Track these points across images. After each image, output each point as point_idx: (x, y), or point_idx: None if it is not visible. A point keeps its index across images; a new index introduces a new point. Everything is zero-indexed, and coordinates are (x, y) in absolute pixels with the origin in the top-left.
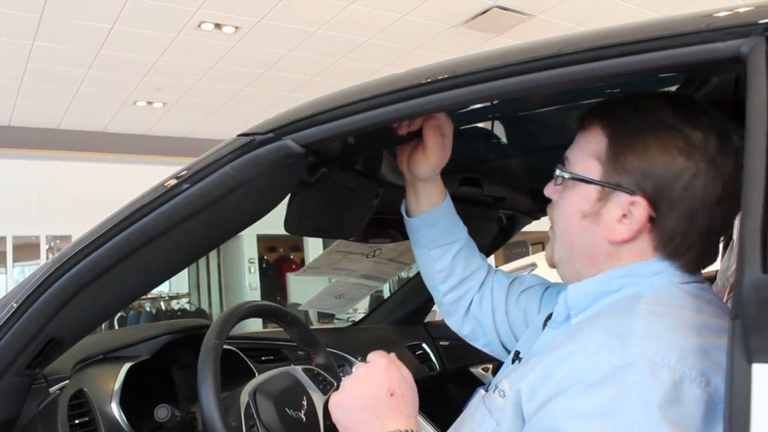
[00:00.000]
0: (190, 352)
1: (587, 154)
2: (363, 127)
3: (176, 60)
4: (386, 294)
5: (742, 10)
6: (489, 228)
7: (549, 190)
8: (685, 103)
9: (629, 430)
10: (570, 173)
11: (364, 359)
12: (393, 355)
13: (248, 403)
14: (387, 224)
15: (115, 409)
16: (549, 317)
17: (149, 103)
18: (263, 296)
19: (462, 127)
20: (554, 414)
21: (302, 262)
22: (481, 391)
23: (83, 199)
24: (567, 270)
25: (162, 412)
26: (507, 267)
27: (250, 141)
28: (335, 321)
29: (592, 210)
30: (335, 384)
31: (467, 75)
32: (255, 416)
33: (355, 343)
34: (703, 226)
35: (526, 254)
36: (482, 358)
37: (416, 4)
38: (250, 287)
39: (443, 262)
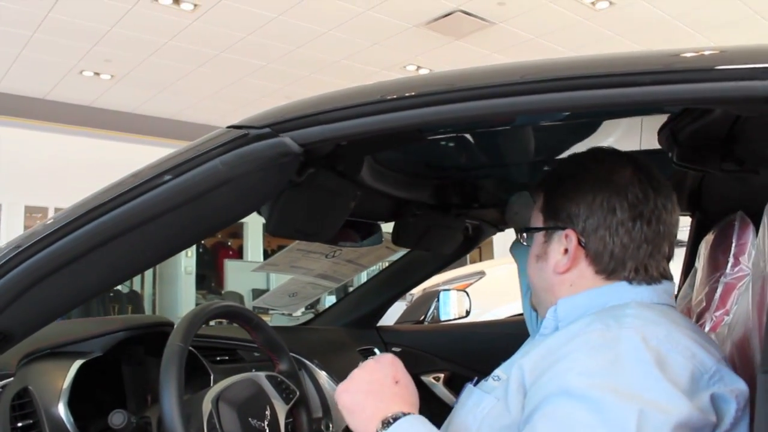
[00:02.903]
0: (143, 350)
1: (536, 210)
2: (371, 131)
3: (129, 32)
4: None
5: None
6: (455, 237)
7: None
8: (604, 151)
9: (632, 385)
10: (524, 228)
11: (318, 362)
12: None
13: (211, 411)
14: (356, 227)
15: (62, 410)
16: None
17: (96, 74)
18: (199, 282)
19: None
20: (559, 373)
21: (240, 249)
22: (469, 385)
23: (18, 166)
24: (542, 311)
25: (117, 419)
26: (452, 274)
27: (244, 135)
28: (271, 313)
29: (541, 252)
30: (297, 393)
31: (510, 85)
32: (217, 426)
33: (306, 344)
34: (626, 242)
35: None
36: (434, 366)
37: (381, 0)
38: (186, 271)
39: None
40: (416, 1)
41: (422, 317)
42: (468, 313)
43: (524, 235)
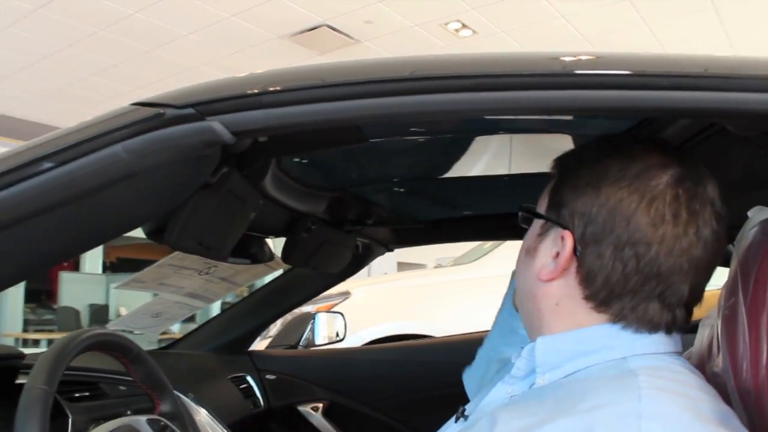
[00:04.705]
0: None
1: (545, 191)
2: (327, 121)
3: None
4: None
5: None
6: (344, 254)
7: None
8: (649, 142)
9: None
10: (525, 206)
11: (194, 396)
12: None
13: None
14: (246, 242)
15: None
16: None
17: None
18: (28, 295)
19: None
20: None
21: (76, 261)
22: None
23: None
24: (523, 317)
25: None
26: None
27: (158, 115)
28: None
29: (533, 245)
30: None
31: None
32: None
33: (171, 371)
34: (630, 269)
35: None
36: (311, 395)
37: (247, 7)
38: None
39: None
40: (283, 11)
41: (296, 342)
42: (340, 336)
43: (521, 214)
